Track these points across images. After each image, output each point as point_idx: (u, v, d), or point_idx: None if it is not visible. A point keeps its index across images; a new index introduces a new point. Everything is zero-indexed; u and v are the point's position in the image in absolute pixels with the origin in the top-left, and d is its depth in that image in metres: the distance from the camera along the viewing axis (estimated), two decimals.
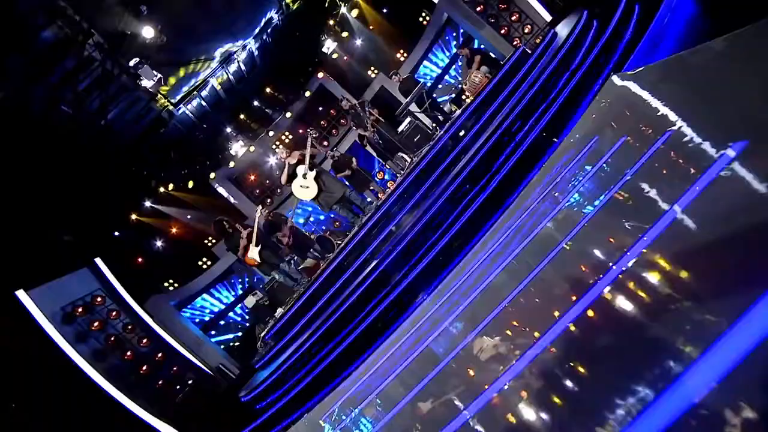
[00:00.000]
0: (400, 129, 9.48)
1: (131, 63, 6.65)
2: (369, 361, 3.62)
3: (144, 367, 9.70)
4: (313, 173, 6.71)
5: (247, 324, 11.46)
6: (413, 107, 10.15)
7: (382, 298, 4.09)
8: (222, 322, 11.44)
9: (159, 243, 13.34)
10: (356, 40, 14.28)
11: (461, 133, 6.21)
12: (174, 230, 13.41)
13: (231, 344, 11.04)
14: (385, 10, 14.01)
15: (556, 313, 2.14)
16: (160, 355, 10.09)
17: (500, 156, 4.31)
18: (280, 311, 7.51)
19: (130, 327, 10.13)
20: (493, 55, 10.93)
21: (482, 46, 12.03)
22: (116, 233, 12.53)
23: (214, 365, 9.75)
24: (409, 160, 11.21)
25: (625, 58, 3.94)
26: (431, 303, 3.33)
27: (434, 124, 12.99)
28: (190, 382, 9.89)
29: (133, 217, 12.71)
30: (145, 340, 10.12)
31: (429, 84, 12.73)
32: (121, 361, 9.68)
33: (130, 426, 8.56)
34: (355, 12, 13.16)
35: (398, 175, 13.21)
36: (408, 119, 11.80)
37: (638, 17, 4.90)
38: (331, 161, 10.24)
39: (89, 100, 7.93)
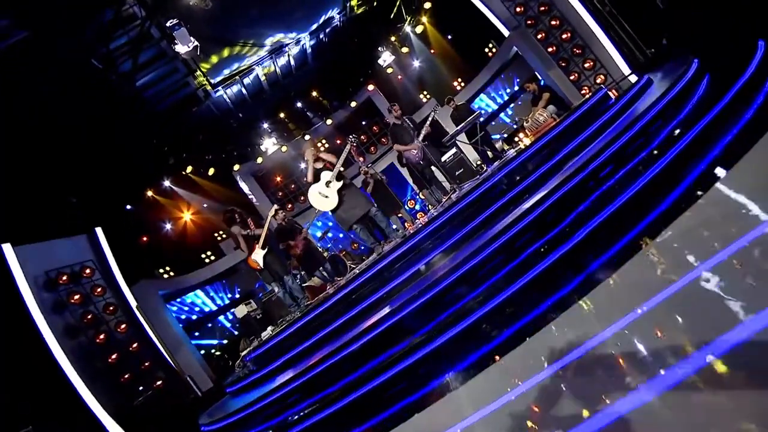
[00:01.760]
0: (443, 158, 8.58)
1: (168, 24, 6.01)
2: None
3: (114, 356, 8.77)
4: (339, 184, 5.78)
5: (235, 333, 10.46)
6: (462, 137, 9.38)
7: (392, 358, 3.06)
8: (209, 325, 10.48)
9: (168, 226, 12.61)
10: (414, 60, 13.65)
11: (516, 177, 5.21)
12: (186, 216, 12.69)
13: (212, 351, 10.02)
14: (450, 36, 13.36)
15: None
16: (135, 345, 9.18)
17: (583, 202, 3.29)
18: (268, 332, 6.52)
19: (111, 308, 9.29)
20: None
21: None
22: (128, 206, 11.88)
23: (188, 373, 8.74)
24: (444, 191, 10.28)
25: None
26: (465, 395, 2.27)
27: (480, 161, 12.09)
28: (159, 383, 8.90)
29: (149, 193, 12.09)
30: (123, 326, 9.24)
31: (483, 118, 11.85)
32: (92, 342, 8.79)
33: (75, 416, 7.58)
34: (419, 29, 12.51)
35: (430, 206, 12.28)
36: (453, 150, 10.90)
37: None
38: (363, 177, 9.44)
39: (121, 60, 7.34)
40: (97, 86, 7.71)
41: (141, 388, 8.27)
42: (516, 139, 11.66)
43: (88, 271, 9.39)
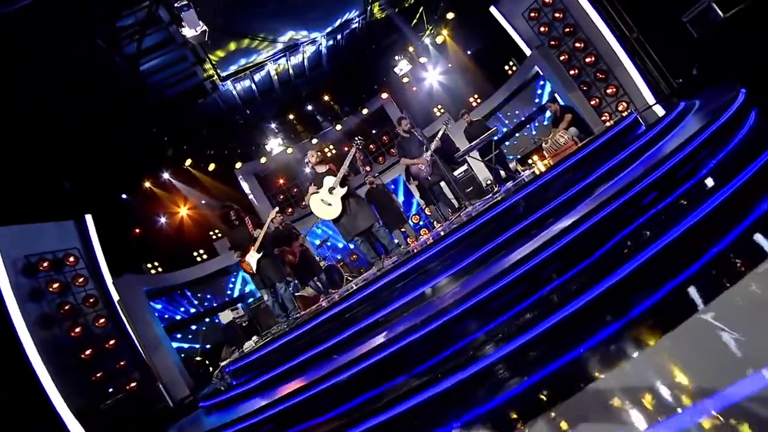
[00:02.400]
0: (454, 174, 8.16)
1: (176, 4, 5.62)
2: None
3: (88, 351, 8.26)
4: (342, 191, 5.33)
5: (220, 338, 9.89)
6: (474, 154, 9.05)
7: (387, 396, 2.56)
8: (194, 327, 9.93)
9: (163, 219, 12.15)
10: (431, 72, 13.30)
11: (538, 198, 4.76)
12: (183, 211, 12.24)
13: (193, 356, 9.47)
14: (469, 51, 13.02)
15: None
16: (112, 342, 8.67)
17: (623, 230, 2.84)
18: (251, 343, 6.02)
19: (91, 300, 8.81)
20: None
21: None
22: (124, 196, 11.44)
23: (165, 376, 8.19)
24: (453, 209, 9.85)
25: None
26: None
27: (490, 181, 11.65)
28: (133, 385, 8.37)
29: (147, 184, 11.67)
30: (102, 320, 8.75)
31: (498, 136, 11.43)
32: (66, 335, 8.28)
33: (36, 412, 7.04)
34: (439, 39, 12.18)
35: (435, 223, 11.81)
36: (464, 167, 10.46)
37: None
38: (369, 187, 9.04)
39: (126, 41, 6.96)
40: (99, 67, 7.33)
41: (111, 389, 7.72)
42: (530, 161, 11.26)
43: (71, 259, 8.94)
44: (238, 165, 12.03)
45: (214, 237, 12.01)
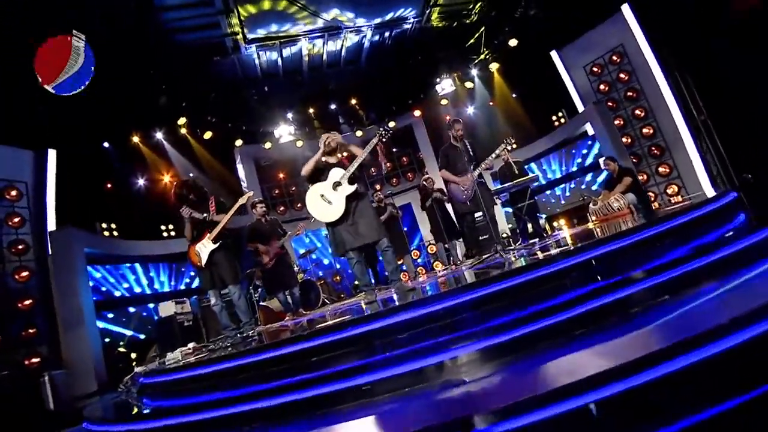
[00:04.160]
0: (477, 216, 7.02)
1: None
2: None
3: None
4: (350, 189, 4.04)
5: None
6: (503, 197, 7.97)
7: None
8: (131, 310, 8.37)
9: (141, 181, 10.76)
10: (472, 105, 12.30)
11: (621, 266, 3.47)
12: (166, 178, 10.87)
13: (119, 343, 7.87)
14: (514, 95, 12.02)
15: None
16: (28, 302, 7.20)
17: None
18: (177, 354, 4.56)
19: (20, 247, 7.40)
20: None
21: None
22: (105, 144, 10.08)
23: (75, 361, 6.65)
24: (461, 253, 8.54)
25: None
26: None
27: (508, 233, 10.38)
28: (35, 361, 6.84)
29: (135, 139, 10.34)
30: (25, 274, 7.32)
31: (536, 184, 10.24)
32: None
33: None
34: (493, 67, 11.15)
35: (438, 264, 10.47)
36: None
37: None
38: (376, 205, 7.83)
39: None
40: None
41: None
42: (555, 223, 10.04)
43: (14, 192, 7.55)
44: (239, 143, 10.75)
45: None
